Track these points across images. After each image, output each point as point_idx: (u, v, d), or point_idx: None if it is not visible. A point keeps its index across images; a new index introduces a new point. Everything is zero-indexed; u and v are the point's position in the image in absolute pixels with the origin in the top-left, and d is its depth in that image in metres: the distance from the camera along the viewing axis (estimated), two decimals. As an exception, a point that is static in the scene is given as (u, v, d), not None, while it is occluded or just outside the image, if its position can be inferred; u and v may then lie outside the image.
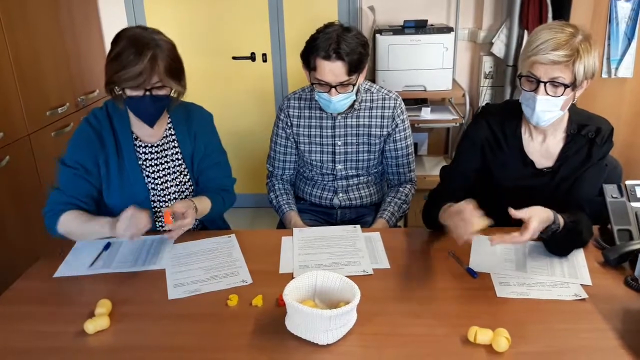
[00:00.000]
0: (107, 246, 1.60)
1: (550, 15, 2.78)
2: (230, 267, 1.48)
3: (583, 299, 1.30)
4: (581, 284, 1.35)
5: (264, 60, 3.42)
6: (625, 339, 1.15)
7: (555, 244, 1.44)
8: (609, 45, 2.60)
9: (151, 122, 1.60)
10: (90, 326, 1.21)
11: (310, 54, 1.71)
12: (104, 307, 1.27)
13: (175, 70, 1.54)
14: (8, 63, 2.37)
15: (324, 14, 3.26)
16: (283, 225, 1.97)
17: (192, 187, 1.76)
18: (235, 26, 3.36)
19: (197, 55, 3.36)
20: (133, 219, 1.39)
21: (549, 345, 1.15)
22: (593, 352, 1.13)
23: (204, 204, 1.65)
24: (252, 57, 3.41)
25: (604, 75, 2.65)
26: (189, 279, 1.43)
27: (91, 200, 1.64)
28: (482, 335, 1.14)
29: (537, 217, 1.33)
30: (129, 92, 1.51)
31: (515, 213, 1.30)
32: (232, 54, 3.41)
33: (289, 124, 1.95)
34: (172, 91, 1.57)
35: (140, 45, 1.46)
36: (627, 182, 1.58)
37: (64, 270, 1.49)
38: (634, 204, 1.55)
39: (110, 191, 1.65)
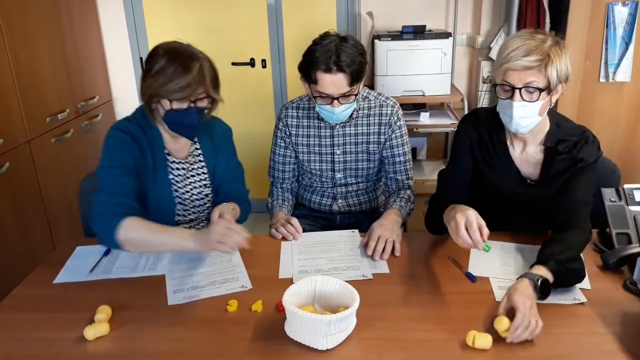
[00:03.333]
0: (107, 252, 1.60)
1: (547, 20, 2.79)
2: (229, 272, 1.48)
3: (582, 303, 1.30)
4: (580, 288, 1.35)
5: (264, 66, 3.43)
6: (624, 343, 1.15)
7: (552, 290, 1.33)
8: (606, 49, 2.61)
9: (192, 135, 1.58)
10: (90, 332, 1.21)
11: (311, 67, 1.67)
12: (103, 313, 1.27)
13: (217, 81, 1.56)
14: (8, 69, 2.38)
15: (322, 20, 3.27)
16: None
17: (212, 199, 1.75)
18: (234, 32, 3.37)
19: (196, 61, 3.35)
20: (231, 232, 1.31)
21: (548, 350, 1.15)
22: (592, 356, 1.14)
23: (237, 211, 1.64)
24: (252, 62, 3.42)
25: (602, 80, 2.66)
26: (189, 284, 1.43)
27: (140, 202, 1.53)
28: (480, 339, 1.14)
29: (522, 302, 1.19)
30: (175, 105, 1.48)
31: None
32: (232, 59, 3.42)
33: (288, 133, 1.95)
34: (207, 103, 1.55)
35: (185, 58, 1.48)
36: (626, 186, 1.59)
37: (64, 276, 1.49)
38: (633, 208, 1.55)
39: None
